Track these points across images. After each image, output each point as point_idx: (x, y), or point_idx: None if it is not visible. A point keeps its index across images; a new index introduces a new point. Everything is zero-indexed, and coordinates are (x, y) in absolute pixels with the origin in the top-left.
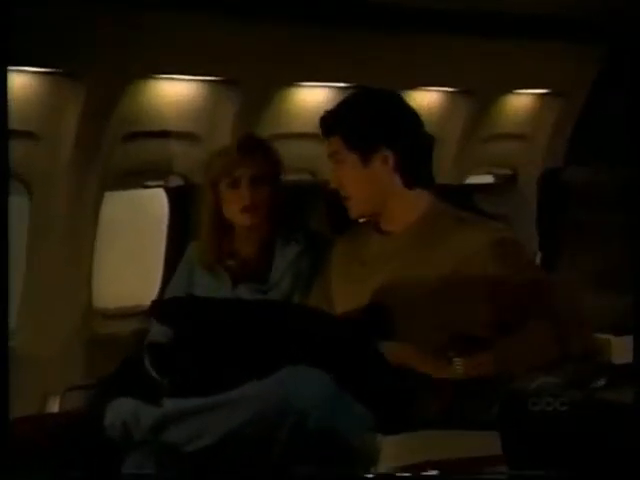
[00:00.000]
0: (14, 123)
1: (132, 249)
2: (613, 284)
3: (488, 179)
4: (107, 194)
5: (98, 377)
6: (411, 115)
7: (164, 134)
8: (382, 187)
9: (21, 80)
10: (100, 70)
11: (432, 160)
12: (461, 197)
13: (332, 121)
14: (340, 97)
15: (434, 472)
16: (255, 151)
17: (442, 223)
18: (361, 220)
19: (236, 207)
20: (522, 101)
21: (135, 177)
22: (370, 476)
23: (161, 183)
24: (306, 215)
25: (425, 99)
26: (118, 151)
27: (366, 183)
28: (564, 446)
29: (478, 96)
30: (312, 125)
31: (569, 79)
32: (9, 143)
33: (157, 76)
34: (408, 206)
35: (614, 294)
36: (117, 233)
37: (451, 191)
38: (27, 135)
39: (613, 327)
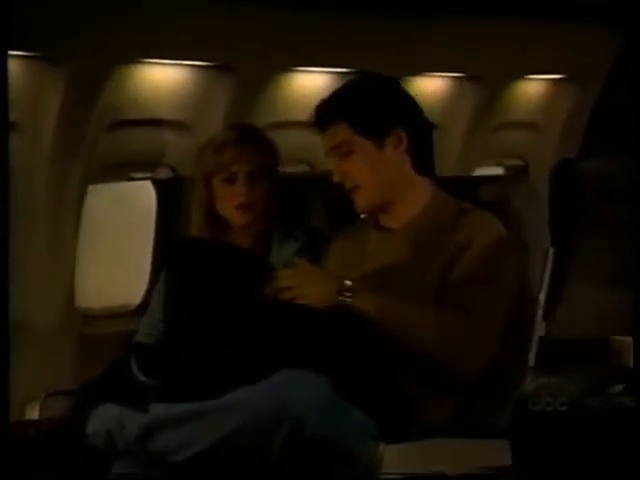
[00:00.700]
0: None
1: (118, 245)
2: (631, 283)
3: (497, 171)
4: (91, 187)
5: (81, 382)
6: (412, 99)
7: (152, 123)
8: (395, 171)
9: None
10: (84, 54)
11: (433, 148)
12: (465, 189)
13: (334, 109)
14: (341, 82)
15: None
16: (252, 144)
17: (442, 218)
18: (362, 216)
19: (231, 204)
20: (534, 87)
21: (121, 169)
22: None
23: (149, 175)
24: (305, 210)
25: (429, 86)
26: (103, 141)
27: (380, 168)
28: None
29: (486, 82)
30: (311, 113)
31: (585, 64)
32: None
33: (145, 61)
34: (413, 195)
35: (632, 293)
36: (102, 228)
37: (454, 183)
38: None
39: (633, 328)
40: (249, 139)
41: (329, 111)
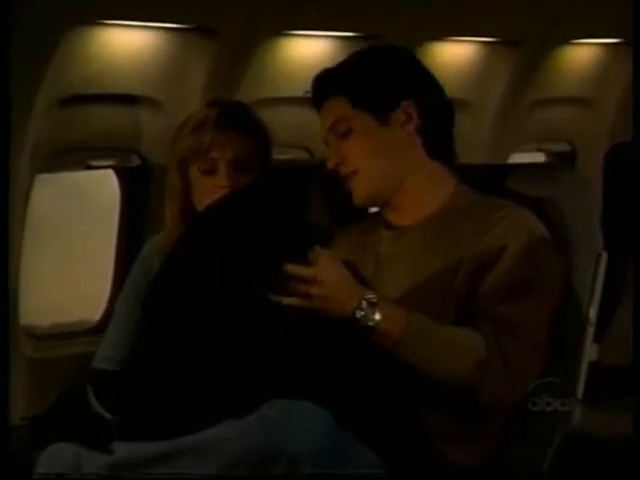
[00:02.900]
0: None
1: (72, 248)
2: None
3: (537, 157)
4: (39, 177)
5: (28, 416)
6: (427, 69)
7: (115, 99)
8: (402, 155)
9: None
10: (29, 12)
11: (452, 129)
12: (497, 180)
13: (331, 81)
14: (348, 49)
15: None
16: (238, 125)
17: (466, 216)
18: (371, 211)
19: (210, 199)
20: (584, 54)
21: (76, 154)
22: None
23: (110, 162)
24: (302, 205)
25: (454, 53)
26: (53, 120)
27: (382, 149)
28: None
29: (526, 47)
30: (307, 89)
31: None
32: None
33: (105, 22)
34: (429, 187)
35: None
36: (52, 228)
37: (484, 172)
38: None
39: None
40: (234, 119)
41: (326, 84)
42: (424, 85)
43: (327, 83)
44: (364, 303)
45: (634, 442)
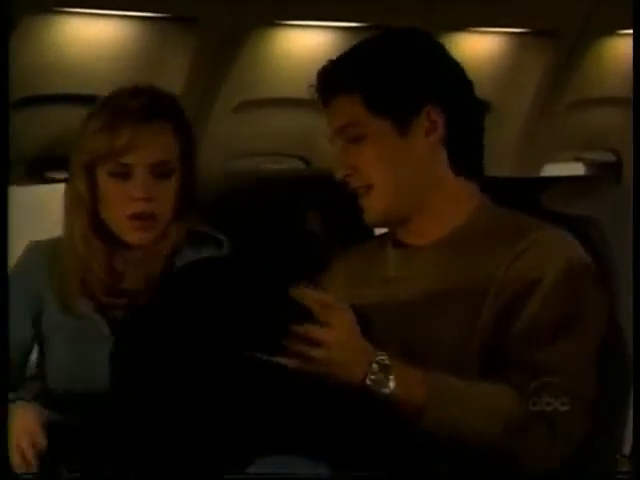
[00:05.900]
0: None
1: None
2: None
3: (575, 169)
4: None
5: None
6: (457, 66)
7: (78, 100)
8: (424, 169)
9: None
10: None
11: (482, 140)
12: (528, 196)
13: (343, 74)
14: (351, 42)
15: None
16: (165, 120)
17: (492, 238)
18: (379, 231)
19: (120, 210)
20: (631, 46)
21: (35, 166)
22: None
23: None
24: (295, 225)
25: (476, 46)
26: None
27: (402, 163)
28: None
29: (562, 39)
30: (306, 86)
31: None
32: None
33: (65, 9)
34: (450, 209)
35: None
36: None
37: (512, 187)
38: None
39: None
40: (160, 113)
41: (336, 77)
42: (453, 85)
43: (336, 77)
44: (375, 367)
45: None
